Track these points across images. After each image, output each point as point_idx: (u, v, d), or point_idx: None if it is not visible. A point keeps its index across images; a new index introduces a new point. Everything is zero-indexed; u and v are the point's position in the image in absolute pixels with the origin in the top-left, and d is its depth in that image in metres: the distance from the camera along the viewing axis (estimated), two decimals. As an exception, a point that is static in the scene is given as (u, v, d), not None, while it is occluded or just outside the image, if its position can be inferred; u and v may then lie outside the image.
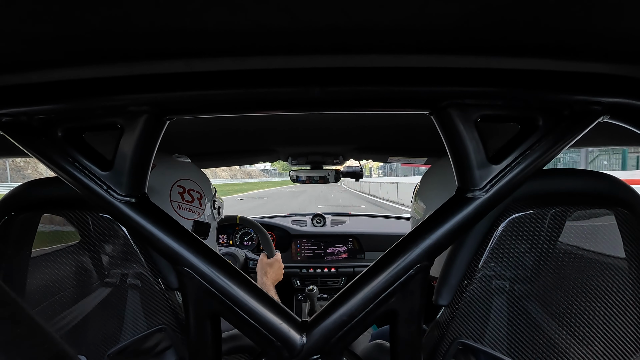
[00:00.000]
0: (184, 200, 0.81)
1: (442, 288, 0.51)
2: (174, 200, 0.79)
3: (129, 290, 0.55)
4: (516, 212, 0.47)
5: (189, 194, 0.82)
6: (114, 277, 0.55)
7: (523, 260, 0.48)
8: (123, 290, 0.55)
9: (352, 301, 0.45)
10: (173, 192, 0.79)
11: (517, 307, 0.48)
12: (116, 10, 0.29)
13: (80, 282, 0.57)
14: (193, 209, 0.82)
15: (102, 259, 0.57)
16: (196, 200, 0.83)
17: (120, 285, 0.55)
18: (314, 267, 1.96)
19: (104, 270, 0.56)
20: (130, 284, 0.55)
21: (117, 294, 0.55)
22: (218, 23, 0.33)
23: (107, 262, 0.57)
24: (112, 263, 0.56)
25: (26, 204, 0.56)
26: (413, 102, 0.45)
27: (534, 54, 0.41)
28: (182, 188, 0.81)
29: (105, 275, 0.56)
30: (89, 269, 0.57)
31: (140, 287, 0.54)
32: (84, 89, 0.44)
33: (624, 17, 0.32)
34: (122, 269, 0.55)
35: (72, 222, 0.56)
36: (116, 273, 0.56)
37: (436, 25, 0.34)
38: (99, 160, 0.46)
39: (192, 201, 0.82)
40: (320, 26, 0.34)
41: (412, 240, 0.45)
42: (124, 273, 0.55)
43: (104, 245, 0.56)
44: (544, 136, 0.44)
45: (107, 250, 0.57)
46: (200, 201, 0.84)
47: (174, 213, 0.79)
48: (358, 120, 0.80)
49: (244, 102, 0.45)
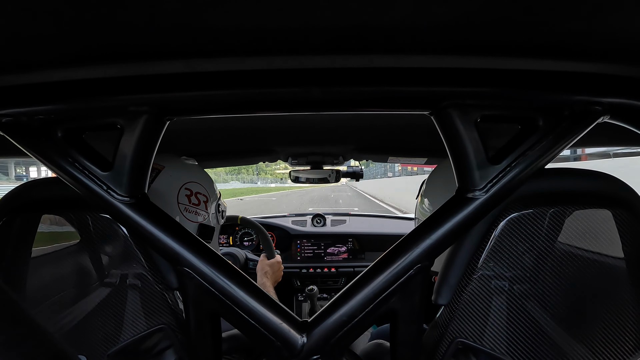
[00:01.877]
0: (191, 203, 0.81)
1: (441, 287, 0.51)
2: (182, 202, 0.79)
3: (128, 291, 0.55)
4: (515, 212, 0.47)
5: (195, 197, 0.82)
6: (114, 277, 0.55)
7: (522, 260, 0.48)
8: (123, 290, 0.55)
9: (352, 301, 0.45)
10: (181, 194, 0.79)
11: (517, 306, 0.48)
12: (116, 10, 0.29)
13: (79, 282, 0.57)
14: (199, 212, 0.82)
15: (102, 259, 0.57)
16: (202, 203, 0.84)
17: (120, 285, 0.55)
18: (314, 267, 1.95)
19: (103, 270, 0.56)
20: (130, 284, 0.55)
21: (116, 294, 0.55)
22: (218, 23, 0.33)
23: (107, 262, 0.57)
24: (112, 263, 0.56)
25: (26, 204, 0.56)
26: (413, 102, 0.45)
27: (534, 54, 0.41)
28: (190, 191, 0.81)
29: (105, 275, 0.56)
30: (88, 269, 0.57)
31: (140, 287, 0.54)
32: (84, 89, 0.44)
33: (625, 17, 0.32)
34: (122, 269, 0.55)
35: (72, 223, 0.56)
36: (116, 273, 0.56)
37: (436, 25, 0.34)
38: (99, 160, 0.46)
39: (198, 204, 0.82)
40: (320, 26, 0.34)
41: (412, 241, 0.45)
42: (124, 273, 0.55)
43: (104, 245, 0.56)
44: (544, 136, 0.44)
45: (107, 251, 0.57)
46: (206, 204, 0.84)
47: (180, 216, 0.79)
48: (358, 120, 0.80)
49: (244, 103, 0.45)
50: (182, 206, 0.79)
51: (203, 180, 0.86)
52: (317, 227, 2.14)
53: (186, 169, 0.85)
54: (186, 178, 0.82)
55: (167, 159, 0.82)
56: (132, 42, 0.36)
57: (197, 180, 0.84)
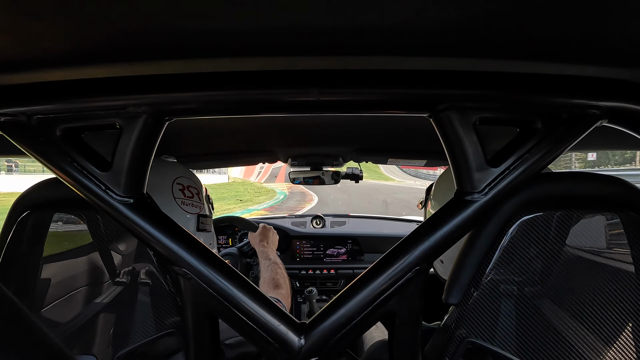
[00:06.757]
0: (186, 197, 0.83)
1: (452, 287, 0.51)
2: (177, 197, 0.81)
3: (139, 290, 0.55)
4: (527, 214, 0.47)
5: (188, 190, 0.85)
6: (126, 275, 0.56)
7: (533, 263, 0.48)
8: (134, 289, 0.55)
9: (350, 303, 0.45)
10: (175, 189, 0.81)
11: (527, 308, 0.48)
12: (115, 10, 0.29)
13: (91, 280, 0.57)
14: (195, 203, 0.85)
15: (114, 258, 0.57)
16: (195, 195, 0.86)
17: (132, 283, 0.55)
18: (313, 268, 1.95)
19: (115, 269, 0.57)
20: (141, 281, 0.55)
21: (127, 293, 0.55)
22: (217, 25, 0.33)
23: (119, 261, 0.57)
24: (124, 262, 0.57)
25: (39, 203, 0.57)
26: (412, 104, 0.45)
27: (532, 57, 0.41)
28: (182, 185, 0.84)
29: (116, 274, 0.56)
30: (100, 267, 0.57)
31: (151, 285, 0.55)
32: (84, 88, 0.44)
33: (622, 21, 0.32)
34: (133, 267, 0.56)
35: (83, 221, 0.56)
36: (127, 271, 0.56)
37: (435, 28, 0.34)
38: (98, 160, 0.46)
39: (192, 196, 0.85)
40: (319, 28, 0.34)
41: (411, 243, 0.45)
42: (135, 272, 0.56)
43: (116, 243, 0.57)
44: (542, 139, 0.44)
45: (119, 249, 0.57)
46: (198, 196, 0.87)
47: (178, 209, 0.80)
48: (357, 122, 0.80)
49: (243, 104, 0.45)
50: (179, 200, 0.81)
51: (188, 174, 0.89)
52: (317, 229, 2.14)
53: (171, 165, 0.88)
54: (175, 174, 0.84)
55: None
56: (132, 43, 0.36)
57: (184, 175, 0.87)
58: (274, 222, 2.14)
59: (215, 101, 0.45)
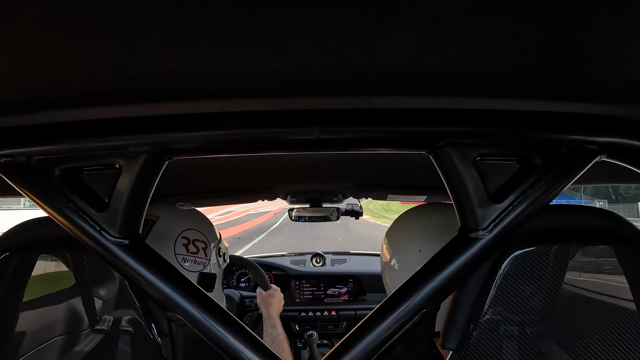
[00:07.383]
0: (189, 252, 0.78)
1: (448, 331, 0.49)
2: (179, 253, 0.77)
3: (120, 338, 0.52)
4: (518, 249, 0.46)
5: (193, 244, 0.79)
6: (106, 323, 0.53)
7: (531, 300, 0.46)
8: (114, 337, 0.52)
9: (354, 351, 0.42)
10: (177, 244, 0.77)
11: (530, 351, 0.45)
12: (116, 53, 0.30)
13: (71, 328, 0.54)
14: (198, 260, 0.79)
15: (96, 303, 0.54)
16: (201, 250, 0.80)
17: (112, 331, 0.52)
18: (314, 310, 1.87)
19: (96, 315, 0.54)
20: (123, 329, 0.52)
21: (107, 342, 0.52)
22: (217, 68, 0.34)
23: (100, 306, 0.54)
24: (105, 307, 0.54)
25: (22, 244, 0.55)
26: (411, 142, 0.46)
27: (529, 96, 0.42)
28: (187, 239, 0.79)
29: (97, 321, 0.53)
30: (80, 314, 0.54)
31: (132, 333, 0.51)
32: (85, 129, 0.45)
33: (616, 61, 0.33)
34: (115, 314, 0.53)
35: (67, 264, 0.54)
36: (108, 318, 0.53)
37: (433, 69, 0.35)
38: (95, 200, 0.45)
39: (197, 252, 0.79)
40: (319, 69, 0.35)
41: (416, 284, 0.43)
42: (117, 318, 0.52)
43: (99, 287, 0.54)
44: (543, 175, 0.44)
45: (101, 294, 0.54)
46: (205, 251, 0.81)
47: (178, 267, 0.76)
48: (357, 158, 0.80)
49: (243, 143, 0.46)
50: (180, 257, 0.76)
51: (201, 225, 0.83)
52: (317, 267, 2.07)
53: (182, 216, 0.83)
54: (182, 226, 0.79)
55: (162, 208, 0.81)
56: (133, 86, 0.37)
57: (194, 227, 0.81)
58: (273, 260, 2.08)
59: (215, 140, 0.45)
